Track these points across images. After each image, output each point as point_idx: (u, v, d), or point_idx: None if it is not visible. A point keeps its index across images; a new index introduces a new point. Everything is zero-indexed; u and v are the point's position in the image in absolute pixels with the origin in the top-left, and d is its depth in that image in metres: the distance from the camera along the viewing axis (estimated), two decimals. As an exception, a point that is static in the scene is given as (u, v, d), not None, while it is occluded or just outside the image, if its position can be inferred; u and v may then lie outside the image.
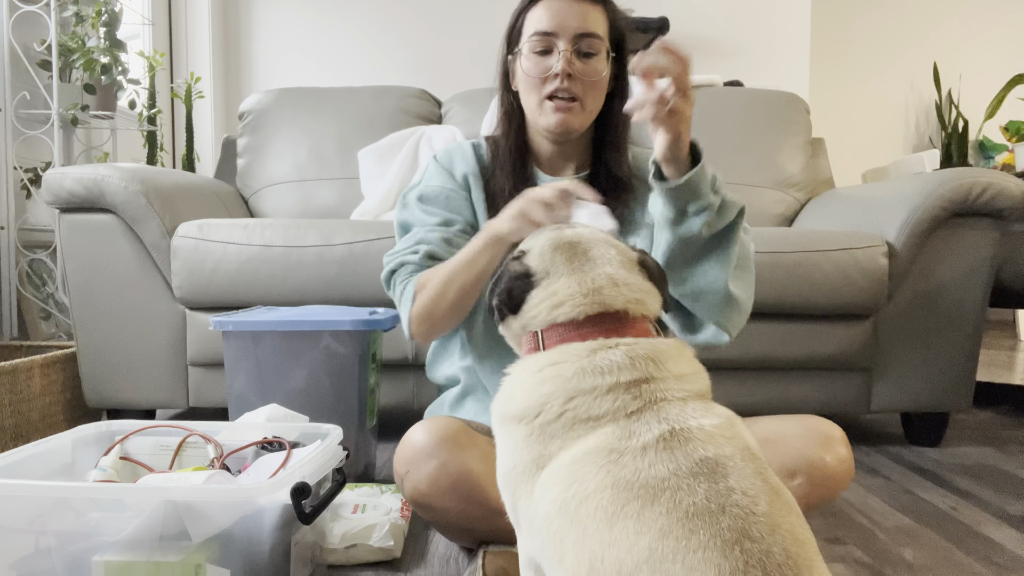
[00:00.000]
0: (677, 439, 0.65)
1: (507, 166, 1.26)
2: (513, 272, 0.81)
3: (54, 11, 2.34)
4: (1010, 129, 4.16)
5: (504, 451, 0.77)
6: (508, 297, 0.81)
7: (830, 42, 4.49)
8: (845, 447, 1.10)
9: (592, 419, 0.69)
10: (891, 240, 1.89)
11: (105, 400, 1.95)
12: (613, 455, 0.65)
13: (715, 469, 0.62)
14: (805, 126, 2.57)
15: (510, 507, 0.77)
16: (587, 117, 1.22)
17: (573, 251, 0.80)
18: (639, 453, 0.65)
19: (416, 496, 1.08)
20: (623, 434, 0.67)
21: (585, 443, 0.68)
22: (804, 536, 0.61)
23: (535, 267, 0.81)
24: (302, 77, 3.33)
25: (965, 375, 1.94)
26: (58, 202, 1.90)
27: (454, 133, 2.47)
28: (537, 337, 0.78)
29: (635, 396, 0.69)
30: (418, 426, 1.11)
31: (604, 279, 0.77)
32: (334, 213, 2.45)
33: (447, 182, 1.28)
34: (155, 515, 0.87)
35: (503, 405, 0.78)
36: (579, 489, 0.65)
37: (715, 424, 0.68)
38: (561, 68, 1.16)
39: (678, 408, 0.69)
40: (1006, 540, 1.36)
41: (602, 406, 0.69)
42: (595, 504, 0.63)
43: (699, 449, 0.64)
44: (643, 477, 0.63)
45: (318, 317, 1.55)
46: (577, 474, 0.66)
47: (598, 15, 1.20)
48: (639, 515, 0.61)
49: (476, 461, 1.06)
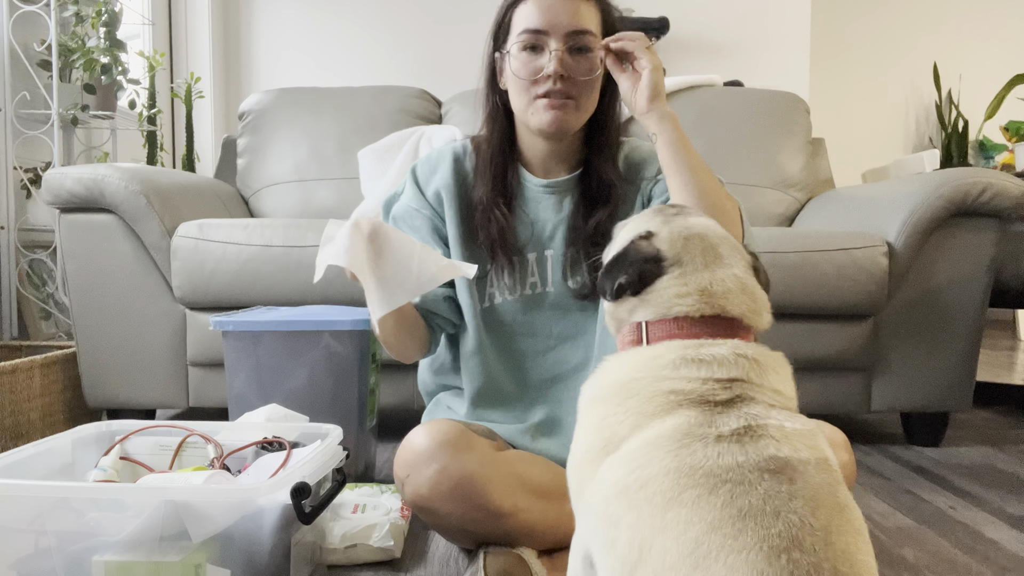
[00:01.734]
0: (751, 434, 0.63)
1: (487, 173, 1.22)
2: (644, 253, 0.77)
3: (54, 11, 2.34)
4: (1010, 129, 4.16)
5: (579, 434, 0.75)
6: (638, 277, 0.77)
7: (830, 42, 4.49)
8: (848, 452, 1.09)
9: (675, 393, 0.67)
10: (891, 240, 1.89)
11: (105, 400, 1.95)
12: (686, 440, 0.63)
13: (782, 469, 0.60)
14: (805, 126, 2.57)
15: (575, 493, 0.74)
16: (582, 116, 1.18)
17: (705, 244, 0.77)
18: (712, 441, 0.63)
19: (417, 500, 1.07)
20: (704, 421, 0.65)
21: (661, 424, 0.66)
22: (861, 558, 0.58)
23: (667, 252, 0.77)
24: (302, 77, 3.33)
25: (965, 375, 1.94)
26: (58, 202, 1.90)
27: (454, 133, 2.47)
28: (641, 328, 0.76)
29: (726, 387, 0.67)
30: (418, 429, 1.11)
31: (733, 282, 0.75)
32: (334, 213, 2.45)
33: (415, 201, 1.26)
34: (155, 515, 0.87)
35: (594, 386, 0.76)
36: (643, 473, 0.63)
37: (796, 428, 0.65)
38: (554, 69, 1.12)
39: (763, 408, 0.67)
40: (1006, 540, 1.36)
41: (689, 385, 0.67)
42: (655, 488, 0.62)
43: (771, 446, 0.62)
44: (709, 465, 0.61)
45: (318, 317, 1.55)
46: (644, 457, 0.64)
47: (590, 10, 1.15)
48: (695, 504, 0.59)
49: (477, 464, 1.06)
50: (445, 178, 1.25)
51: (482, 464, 1.06)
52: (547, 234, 1.24)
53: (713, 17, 3.41)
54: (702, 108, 2.55)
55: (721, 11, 3.41)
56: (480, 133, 1.27)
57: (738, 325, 0.74)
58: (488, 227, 1.21)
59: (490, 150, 1.23)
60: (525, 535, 1.09)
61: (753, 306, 0.75)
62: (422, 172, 1.28)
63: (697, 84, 2.63)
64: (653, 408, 0.68)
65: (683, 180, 1.07)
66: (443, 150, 1.28)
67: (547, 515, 1.09)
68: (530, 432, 1.21)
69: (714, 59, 3.38)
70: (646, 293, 0.76)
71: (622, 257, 0.79)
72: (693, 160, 1.09)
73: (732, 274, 0.75)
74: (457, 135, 2.46)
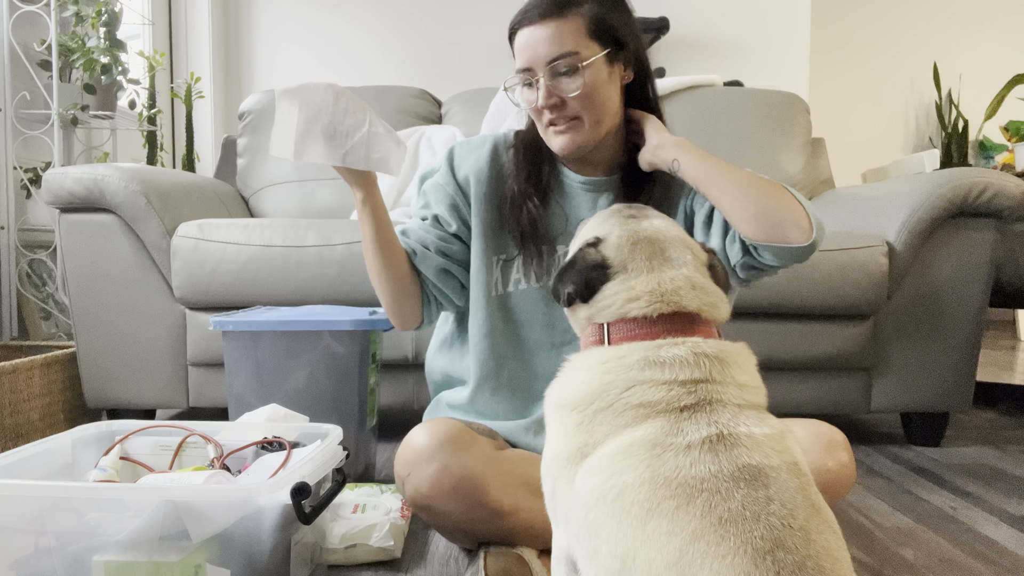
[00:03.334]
0: (724, 443, 0.64)
1: (523, 166, 1.24)
2: (590, 261, 0.80)
3: (54, 11, 2.34)
4: (1010, 129, 4.16)
5: (552, 438, 0.76)
6: (584, 286, 0.80)
7: (830, 42, 4.49)
8: (847, 452, 1.09)
9: (644, 406, 0.68)
10: (891, 240, 1.89)
11: (105, 400, 1.95)
12: (656, 449, 0.64)
13: (756, 477, 0.61)
14: (805, 126, 2.57)
15: (549, 496, 0.76)
16: (597, 130, 1.17)
17: (652, 248, 0.80)
18: (682, 451, 0.64)
19: (417, 498, 1.08)
20: (671, 430, 0.66)
21: (632, 434, 0.67)
22: (839, 555, 0.60)
23: (612, 258, 0.80)
24: (302, 77, 3.32)
25: (965, 375, 1.94)
26: (58, 202, 1.90)
27: (454, 133, 2.47)
28: (603, 330, 0.78)
29: (690, 391, 0.68)
30: (419, 428, 1.11)
31: (682, 280, 0.77)
32: (334, 213, 2.45)
33: (443, 178, 1.28)
34: (155, 515, 0.87)
35: (560, 392, 0.77)
36: (618, 480, 0.64)
37: (765, 434, 0.66)
38: (542, 103, 1.13)
39: (731, 413, 0.67)
40: (1006, 540, 1.36)
41: (656, 395, 0.69)
42: (632, 498, 0.63)
43: (743, 455, 0.63)
44: (682, 476, 0.62)
45: (318, 317, 1.55)
46: (619, 465, 0.65)
47: (568, 27, 1.12)
48: (673, 515, 0.60)
49: (477, 463, 1.06)
50: (480, 163, 1.26)
51: (483, 463, 1.06)
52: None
53: (713, 17, 3.41)
54: (702, 108, 2.54)
55: (721, 11, 3.41)
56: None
57: (697, 320, 0.76)
58: (519, 217, 1.22)
59: (527, 144, 1.25)
60: (525, 534, 1.09)
61: (708, 299, 0.77)
62: (458, 154, 1.29)
63: (697, 84, 2.63)
64: (625, 421, 0.69)
65: (720, 190, 1.09)
66: (485, 137, 1.31)
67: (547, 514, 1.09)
68: (532, 428, 1.21)
69: (714, 59, 3.38)
70: (596, 299, 0.79)
71: (570, 265, 0.82)
72: (722, 167, 1.10)
73: (681, 274, 0.78)
74: (457, 135, 2.46)
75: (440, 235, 1.25)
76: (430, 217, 1.27)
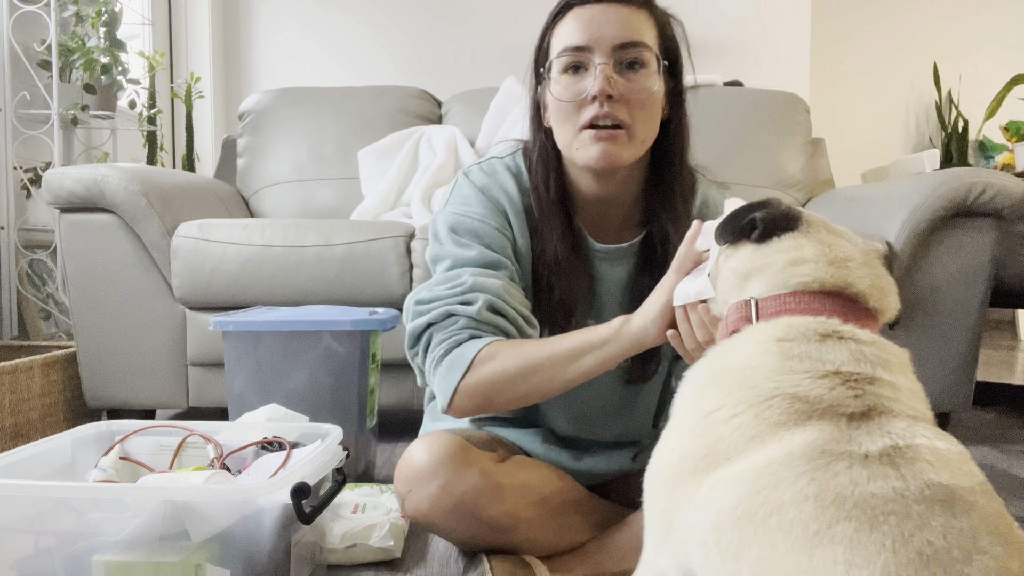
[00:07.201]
0: (902, 455, 0.52)
1: (555, 226, 1.04)
2: (783, 208, 0.71)
3: (54, 11, 2.34)
4: (1010, 129, 4.16)
5: (674, 436, 0.64)
6: (773, 223, 0.70)
7: (830, 42, 4.49)
8: None
9: (801, 401, 0.57)
10: (891, 240, 1.89)
11: (105, 400, 1.95)
12: (823, 459, 0.53)
13: (952, 500, 0.50)
14: (805, 126, 2.57)
15: (658, 509, 0.63)
16: (637, 148, 1.00)
17: (829, 227, 0.71)
18: (857, 463, 0.52)
19: (418, 516, 1.05)
20: (841, 437, 0.54)
21: (788, 442, 0.55)
22: None
23: (798, 214, 0.71)
24: (302, 77, 3.33)
25: (965, 375, 1.94)
26: (58, 202, 1.90)
27: (454, 133, 2.47)
28: (750, 306, 0.68)
29: (857, 395, 0.57)
30: (418, 444, 1.07)
31: (856, 252, 0.68)
32: (334, 213, 2.45)
33: (493, 219, 1.05)
34: (155, 515, 0.87)
35: (700, 374, 0.67)
36: (770, 497, 0.53)
37: (951, 450, 0.54)
38: (599, 88, 0.94)
39: (906, 424, 0.56)
40: (1006, 540, 1.35)
41: (815, 391, 0.57)
42: (791, 518, 0.51)
43: (929, 471, 0.51)
44: (859, 493, 0.50)
45: (318, 317, 1.55)
46: (771, 478, 0.54)
47: (643, 20, 0.98)
48: (851, 541, 0.48)
49: (478, 480, 1.02)
50: (513, 197, 1.08)
51: (484, 479, 1.03)
52: (607, 299, 1.12)
53: (713, 17, 3.41)
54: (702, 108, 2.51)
55: (721, 11, 3.41)
56: (535, 179, 1.08)
57: (861, 309, 0.65)
58: (551, 292, 1.07)
59: (551, 199, 1.06)
60: (529, 545, 1.08)
61: (880, 284, 0.67)
62: (491, 191, 1.09)
63: (697, 84, 2.63)
64: (774, 415, 0.57)
65: None
66: (495, 167, 1.11)
67: (548, 525, 1.07)
68: (540, 435, 1.17)
69: (714, 59, 3.38)
70: (766, 247, 0.70)
71: (757, 204, 0.71)
72: None
73: (856, 249, 0.69)
74: (457, 135, 2.46)
75: (523, 295, 1.07)
76: (507, 274, 1.05)
